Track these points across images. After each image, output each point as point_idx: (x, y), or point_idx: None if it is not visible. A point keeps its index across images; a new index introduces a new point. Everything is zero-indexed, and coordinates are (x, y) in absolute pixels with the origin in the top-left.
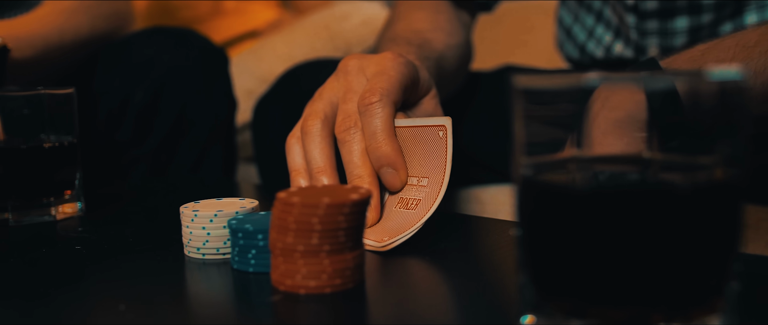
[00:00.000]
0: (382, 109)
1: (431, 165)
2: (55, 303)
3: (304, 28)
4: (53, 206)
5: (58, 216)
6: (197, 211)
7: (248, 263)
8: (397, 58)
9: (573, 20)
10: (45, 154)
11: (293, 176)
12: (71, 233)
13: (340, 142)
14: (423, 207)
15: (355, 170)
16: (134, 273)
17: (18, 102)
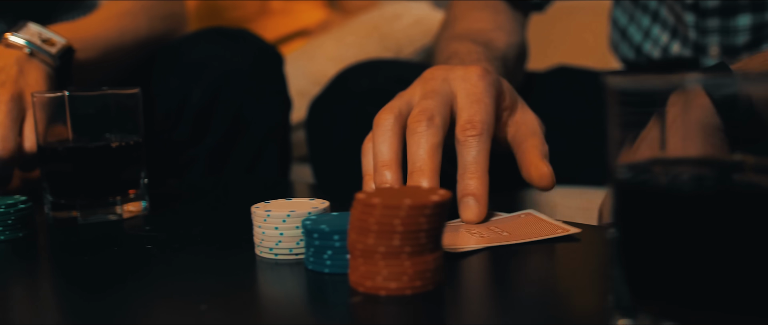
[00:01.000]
0: (480, 143)
1: (522, 230)
2: (135, 303)
3: (355, 29)
4: (119, 204)
5: (124, 215)
6: (269, 211)
7: (324, 263)
8: (486, 76)
9: (628, 21)
10: (112, 154)
11: (366, 180)
12: (139, 231)
13: (410, 133)
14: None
15: (418, 162)
16: (208, 272)
17: (86, 102)
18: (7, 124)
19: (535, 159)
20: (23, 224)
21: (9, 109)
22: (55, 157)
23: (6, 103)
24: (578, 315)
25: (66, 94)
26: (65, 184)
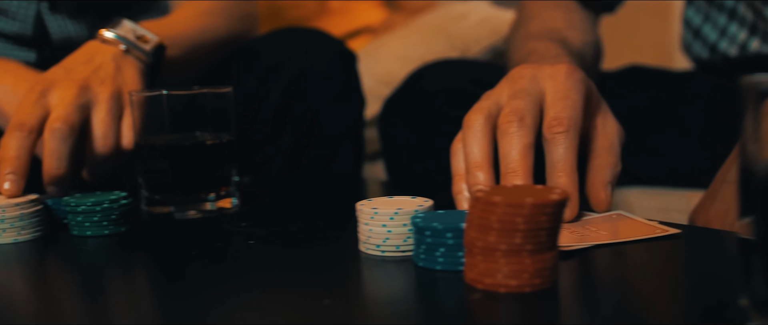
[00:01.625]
0: (568, 140)
1: (621, 230)
2: (256, 298)
3: (420, 28)
4: (212, 200)
5: (216, 211)
6: (376, 208)
7: (436, 260)
8: (574, 73)
9: (703, 20)
10: (206, 151)
11: (456, 181)
12: (236, 227)
13: (502, 134)
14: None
15: (511, 164)
16: (316, 269)
17: (182, 100)
18: (108, 121)
19: (599, 182)
20: (126, 218)
21: (110, 106)
22: (152, 155)
23: (107, 101)
24: (701, 314)
25: (164, 93)
26: (161, 180)
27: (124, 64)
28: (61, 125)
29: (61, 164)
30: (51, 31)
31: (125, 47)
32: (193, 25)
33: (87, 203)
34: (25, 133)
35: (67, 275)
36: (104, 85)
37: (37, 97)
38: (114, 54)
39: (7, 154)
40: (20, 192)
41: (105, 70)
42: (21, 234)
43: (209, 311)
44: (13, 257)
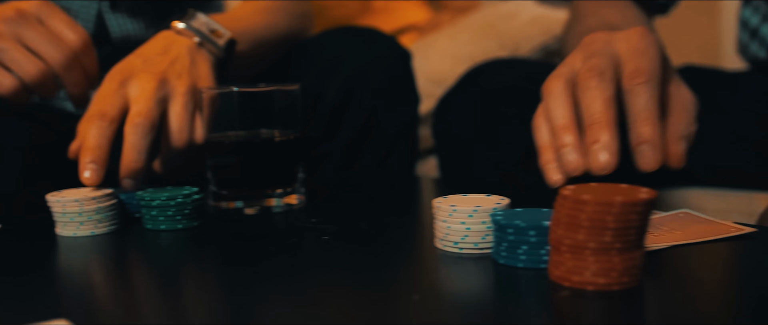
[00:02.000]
0: (650, 90)
1: (693, 229)
2: (343, 294)
3: (470, 27)
4: (279, 196)
5: (283, 207)
6: (455, 206)
7: (518, 258)
8: (648, 35)
9: (761, 20)
10: (275, 148)
11: (542, 152)
12: (306, 223)
13: (583, 90)
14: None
15: (594, 115)
16: (395, 265)
17: (252, 98)
18: (185, 115)
19: (673, 136)
20: (198, 213)
21: (186, 100)
22: (222, 150)
23: (183, 95)
24: None
25: (235, 90)
26: (230, 176)
27: (198, 57)
28: (143, 121)
29: (140, 157)
30: (111, 29)
31: (199, 40)
32: (258, 20)
33: (161, 198)
34: (105, 123)
35: (145, 268)
36: (181, 79)
37: (117, 87)
38: (188, 47)
39: (88, 143)
40: (100, 181)
41: (181, 63)
42: (97, 227)
43: (296, 306)
44: (92, 249)
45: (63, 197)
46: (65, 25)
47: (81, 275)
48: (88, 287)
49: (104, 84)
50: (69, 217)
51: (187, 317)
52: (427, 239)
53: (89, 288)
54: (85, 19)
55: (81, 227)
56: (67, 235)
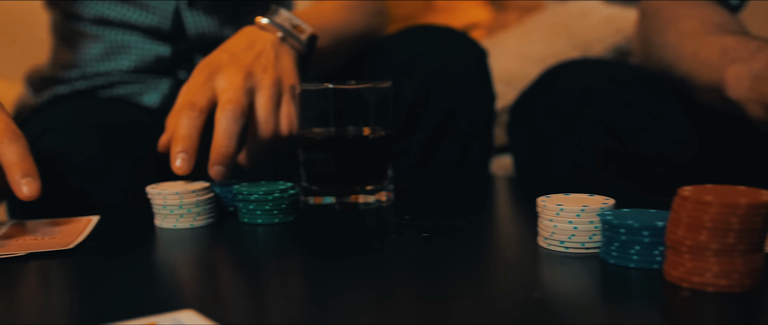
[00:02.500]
0: None
1: None
2: (461, 291)
3: (540, 27)
4: (371, 193)
5: (374, 204)
6: (562, 205)
7: (630, 258)
8: None
9: None
10: (367, 145)
11: None
12: (402, 220)
13: None
14: None
15: None
16: (501, 262)
17: (346, 95)
18: (270, 107)
19: None
20: (294, 208)
21: (272, 93)
22: (315, 146)
23: (269, 88)
24: None
25: (330, 87)
26: (322, 172)
27: (282, 52)
28: (234, 107)
29: (231, 142)
30: (187, 26)
31: (282, 35)
32: (337, 17)
33: (259, 192)
34: (195, 113)
35: (251, 261)
36: (266, 72)
37: (205, 80)
38: (272, 41)
39: (179, 133)
40: (190, 170)
41: (266, 57)
42: (196, 220)
43: (419, 302)
44: (196, 241)
45: (163, 190)
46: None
47: (194, 266)
48: (203, 279)
49: (192, 77)
50: (169, 209)
51: (306, 309)
52: (527, 237)
53: (204, 279)
54: (163, 15)
55: (181, 219)
56: (166, 227)
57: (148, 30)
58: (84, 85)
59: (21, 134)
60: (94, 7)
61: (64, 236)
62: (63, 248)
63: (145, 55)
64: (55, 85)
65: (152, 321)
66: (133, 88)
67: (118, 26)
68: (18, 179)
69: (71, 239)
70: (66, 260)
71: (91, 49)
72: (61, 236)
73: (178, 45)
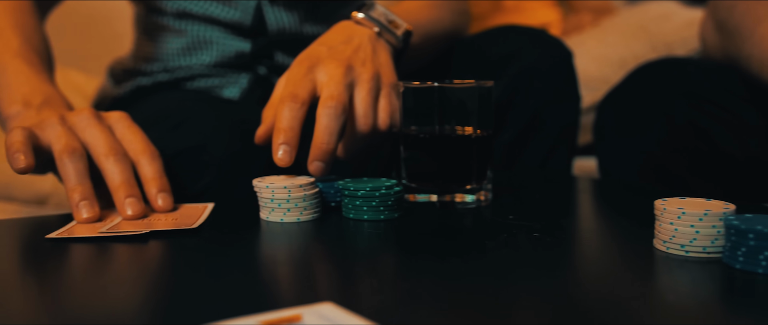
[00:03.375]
0: None
1: None
2: (589, 294)
3: (619, 29)
4: (470, 193)
5: (474, 203)
6: (683, 208)
7: (758, 264)
8: None
9: None
10: (470, 144)
11: None
12: (506, 220)
13: None
14: None
15: None
16: (622, 264)
17: (451, 93)
18: (369, 101)
19: None
20: (399, 205)
21: (371, 87)
22: (418, 144)
23: (368, 82)
24: None
25: (436, 85)
26: (424, 170)
27: (379, 46)
28: (336, 104)
29: (331, 139)
30: (268, 21)
31: (378, 30)
32: (426, 14)
33: (365, 188)
34: (297, 105)
35: (369, 256)
36: (365, 66)
37: (306, 72)
38: (369, 36)
39: (281, 124)
40: (292, 162)
41: (364, 51)
42: (303, 215)
43: (541, 302)
44: (307, 235)
45: (271, 184)
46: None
47: (311, 260)
48: (331, 272)
49: (292, 69)
50: (277, 203)
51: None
52: (640, 239)
53: (332, 272)
54: (245, 11)
55: (288, 213)
56: (273, 220)
57: (229, 25)
58: (166, 77)
59: (159, 154)
60: (177, 1)
61: (185, 218)
62: (186, 228)
63: (226, 51)
64: (136, 76)
65: (297, 313)
66: (214, 82)
67: (200, 21)
68: (155, 193)
69: (192, 221)
70: (185, 249)
71: (172, 43)
72: (182, 218)
73: (258, 41)
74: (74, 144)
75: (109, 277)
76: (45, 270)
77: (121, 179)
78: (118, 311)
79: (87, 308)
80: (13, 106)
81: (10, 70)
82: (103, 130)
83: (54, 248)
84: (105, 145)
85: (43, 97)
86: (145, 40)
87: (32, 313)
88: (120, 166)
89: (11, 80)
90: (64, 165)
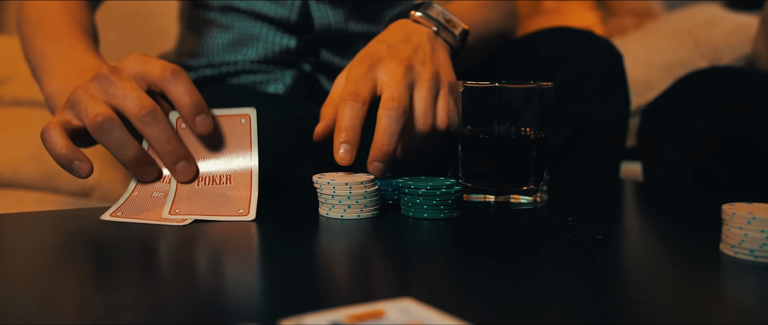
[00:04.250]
0: None
1: None
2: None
3: (664, 33)
4: (527, 194)
5: (531, 204)
6: (752, 213)
7: None
8: None
9: None
10: (530, 145)
11: None
12: (566, 222)
13: None
14: None
15: None
16: (689, 268)
17: (512, 94)
18: (429, 101)
19: None
20: (458, 204)
21: (430, 87)
22: (476, 144)
23: (428, 81)
24: None
25: (497, 86)
26: (480, 169)
27: (437, 45)
28: (397, 105)
29: (392, 140)
30: (314, 18)
31: (436, 29)
32: (478, 14)
33: (426, 187)
34: (359, 104)
35: (434, 253)
36: (425, 65)
37: (366, 71)
38: (428, 35)
39: (342, 123)
40: (352, 161)
41: (424, 51)
42: (363, 212)
43: (619, 303)
44: (370, 231)
45: (332, 180)
46: (153, 64)
47: (376, 256)
48: (398, 269)
49: (353, 68)
50: (338, 199)
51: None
52: (704, 244)
53: (400, 269)
54: (291, 7)
55: (348, 210)
56: (334, 217)
57: (275, 21)
58: (210, 72)
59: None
60: None
61: (238, 201)
62: (244, 218)
63: (271, 47)
64: None
65: (380, 308)
66: (258, 78)
67: (246, 17)
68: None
69: (245, 205)
70: (249, 242)
71: (218, 39)
72: (235, 201)
73: (304, 37)
74: (147, 104)
75: (178, 270)
76: (121, 260)
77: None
78: (198, 306)
79: (171, 303)
80: (52, 83)
81: (50, 50)
82: (132, 87)
83: (116, 238)
84: (136, 106)
85: (80, 66)
86: (190, 35)
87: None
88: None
89: (51, 60)
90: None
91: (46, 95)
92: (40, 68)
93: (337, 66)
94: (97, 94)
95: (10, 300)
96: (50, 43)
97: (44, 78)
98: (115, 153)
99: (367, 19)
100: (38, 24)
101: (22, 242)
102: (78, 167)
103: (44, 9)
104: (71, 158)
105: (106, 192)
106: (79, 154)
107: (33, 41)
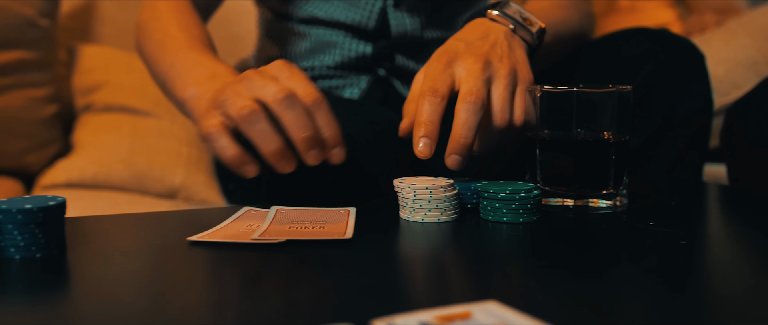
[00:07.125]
0: None
1: None
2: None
3: (749, 30)
4: (607, 197)
5: (611, 208)
6: None
7: None
8: None
9: None
10: (610, 149)
11: None
12: (647, 226)
13: None
14: None
15: None
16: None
17: (591, 98)
18: (506, 96)
19: None
20: (537, 208)
21: (508, 83)
22: (555, 147)
23: (505, 77)
24: None
25: (575, 90)
26: (559, 173)
27: (514, 43)
28: (475, 99)
29: (470, 134)
30: (391, 25)
31: (513, 27)
32: (556, 14)
33: (505, 191)
34: (438, 99)
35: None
36: (502, 62)
37: (445, 67)
38: (505, 33)
39: (421, 118)
40: (431, 155)
41: (501, 47)
42: (443, 215)
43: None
44: (451, 235)
45: (413, 184)
46: (299, 82)
47: (466, 259)
48: (482, 271)
49: (431, 64)
50: (419, 203)
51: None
52: None
53: (483, 272)
54: (369, 14)
55: (429, 213)
56: (414, 220)
57: (352, 28)
58: None
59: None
60: (306, 8)
61: (335, 226)
62: (340, 237)
63: (348, 53)
64: None
65: (466, 309)
66: (334, 83)
67: (325, 25)
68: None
69: (341, 230)
70: (336, 247)
71: (296, 46)
72: (330, 226)
73: (379, 44)
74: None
75: (272, 274)
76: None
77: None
78: (295, 307)
79: (267, 305)
80: (187, 89)
81: (179, 62)
82: (274, 81)
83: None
84: (274, 91)
85: (210, 72)
86: (269, 42)
87: (234, 297)
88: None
89: (182, 70)
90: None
91: (180, 100)
92: (171, 78)
93: (411, 70)
94: (242, 91)
95: (124, 295)
96: (178, 56)
97: (177, 86)
98: (259, 145)
99: (443, 25)
100: (162, 41)
101: (126, 241)
102: (247, 169)
103: (166, 28)
104: (241, 161)
105: (191, 194)
106: (246, 158)
107: (160, 56)
